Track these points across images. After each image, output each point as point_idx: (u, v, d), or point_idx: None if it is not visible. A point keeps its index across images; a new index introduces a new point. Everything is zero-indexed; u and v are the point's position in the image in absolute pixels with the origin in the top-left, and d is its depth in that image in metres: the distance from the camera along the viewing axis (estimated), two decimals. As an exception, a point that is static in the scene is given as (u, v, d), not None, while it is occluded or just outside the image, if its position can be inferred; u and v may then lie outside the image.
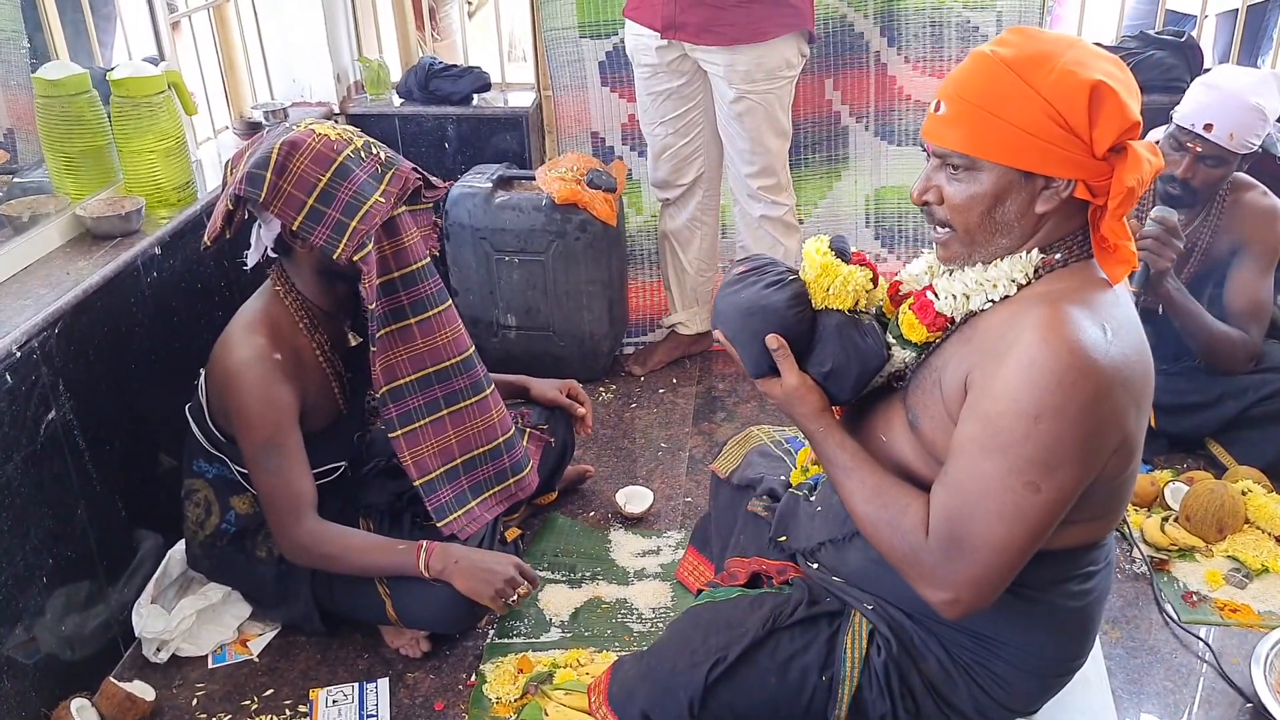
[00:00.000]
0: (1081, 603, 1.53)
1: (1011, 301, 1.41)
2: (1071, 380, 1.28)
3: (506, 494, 2.21)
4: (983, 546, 1.35)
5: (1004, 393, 1.32)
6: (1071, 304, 1.34)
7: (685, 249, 3.12)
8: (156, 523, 2.25)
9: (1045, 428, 1.29)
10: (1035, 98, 1.32)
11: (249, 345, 1.95)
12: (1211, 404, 2.65)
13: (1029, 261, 1.41)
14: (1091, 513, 1.44)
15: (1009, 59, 1.35)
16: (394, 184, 1.93)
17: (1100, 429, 1.32)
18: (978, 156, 1.37)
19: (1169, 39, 3.14)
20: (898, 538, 1.44)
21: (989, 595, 1.39)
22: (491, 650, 2.15)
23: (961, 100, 1.37)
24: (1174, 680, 2.06)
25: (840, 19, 3.11)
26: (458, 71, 3.32)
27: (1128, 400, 1.33)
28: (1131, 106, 1.33)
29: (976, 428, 1.35)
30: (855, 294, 1.54)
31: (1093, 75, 1.31)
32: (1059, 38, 1.38)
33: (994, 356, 1.35)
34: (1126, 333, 1.35)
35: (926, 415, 1.47)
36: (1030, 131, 1.33)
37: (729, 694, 1.60)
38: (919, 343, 1.50)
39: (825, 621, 1.64)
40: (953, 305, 1.45)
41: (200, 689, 2.08)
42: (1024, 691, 1.57)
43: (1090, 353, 1.29)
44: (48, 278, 2.08)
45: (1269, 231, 2.59)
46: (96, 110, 2.28)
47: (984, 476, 1.34)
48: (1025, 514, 1.33)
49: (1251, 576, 2.29)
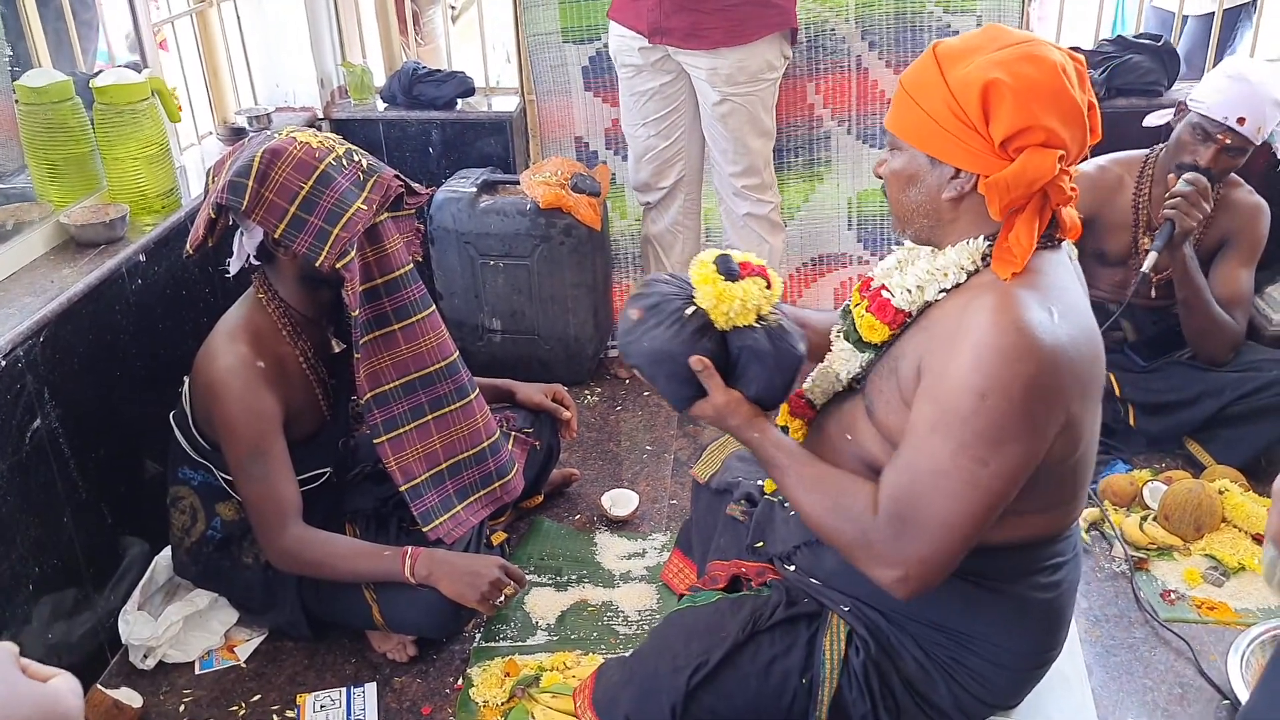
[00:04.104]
0: (1051, 594, 1.56)
1: (963, 289, 1.44)
2: (1017, 358, 1.31)
3: (492, 498, 2.22)
4: (931, 522, 1.38)
5: (954, 373, 1.35)
6: (1020, 288, 1.37)
7: (668, 253, 3.14)
8: (142, 530, 2.26)
9: (991, 404, 1.32)
10: (942, 88, 1.37)
11: (232, 353, 1.95)
12: (1190, 403, 2.68)
13: (976, 249, 1.43)
14: (1047, 501, 1.48)
15: (942, 50, 1.40)
16: (376, 191, 1.94)
17: (1045, 407, 1.35)
18: (897, 136, 1.45)
19: (1147, 43, 3.17)
20: (845, 522, 1.46)
21: (938, 573, 1.41)
22: (478, 654, 2.16)
23: (901, 84, 1.44)
24: (1152, 678, 2.09)
25: (822, 23, 3.13)
26: (441, 76, 3.33)
27: (1072, 381, 1.36)
28: (1037, 112, 1.33)
29: (927, 408, 1.39)
30: (756, 307, 1.54)
31: (994, 74, 1.33)
32: (1010, 36, 1.39)
33: (946, 342, 1.39)
34: (1074, 316, 1.38)
35: (881, 400, 1.50)
36: (936, 120, 1.38)
37: (711, 698, 1.61)
38: (879, 343, 1.53)
39: (804, 623, 1.66)
40: (908, 299, 1.48)
41: (188, 695, 2.09)
42: (1001, 686, 1.59)
43: (1036, 332, 1.32)
44: (32, 285, 2.08)
45: (1255, 227, 2.65)
46: (80, 117, 2.28)
47: (933, 454, 1.37)
48: (973, 490, 1.36)
49: (1229, 575, 2.32)
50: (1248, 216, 2.65)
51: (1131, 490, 2.55)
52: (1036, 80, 1.34)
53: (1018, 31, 1.42)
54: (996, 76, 1.33)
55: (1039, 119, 1.33)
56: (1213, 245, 2.67)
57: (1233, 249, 2.66)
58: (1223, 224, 2.66)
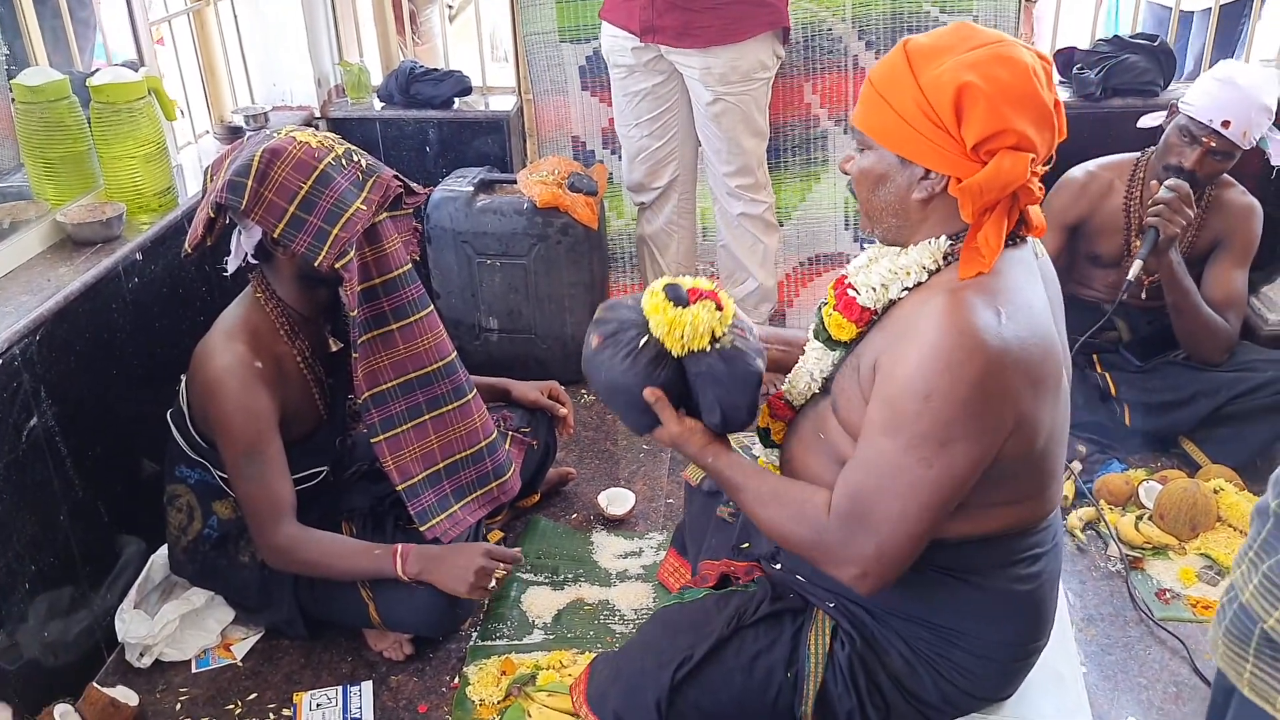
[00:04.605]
0: (1031, 586, 1.56)
1: (923, 288, 1.45)
2: (960, 360, 1.32)
3: (489, 498, 2.22)
4: (883, 520, 1.40)
5: (901, 374, 1.37)
6: (969, 290, 1.37)
7: (663, 252, 3.14)
8: (139, 528, 2.26)
9: (936, 405, 1.34)
10: (914, 89, 1.36)
11: (229, 353, 1.95)
12: (1185, 402, 2.69)
13: (938, 248, 1.44)
14: (1014, 494, 1.48)
15: (913, 49, 1.39)
16: (375, 191, 1.94)
17: (991, 408, 1.35)
18: (867, 135, 1.44)
19: (1143, 43, 3.17)
20: (803, 527, 1.48)
21: (895, 568, 1.43)
22: (475, 652, 2.17)
23: (870, 82, 1.43)
24: (1147, 677, 2.09)
25: (818, 23, 3.14)
26: (439, 75, 3.33)
27: (1021, 380, 1.37)
28: (1010, 115, 1.33)
29: (877, 409, 1.41)
30: (708, 330, 1.56)
31: (967, 76, 1.33)
32: (980, 36, 1.39)
33: (899, 341, 1.40)
34: (1023, 316, 1.38)
35: (844, 398, 1.52)
36: (907, 120, 1.37)
37: (696, 693, 1.62)
38: (848, 340, 1.54)
39: (789, 618, 1.67)
40: (873, 297, 1.49)
41: (184, 693, 2.09)
42: (987, 678, 1.60)
43: (980, 334, 1.33)
44: (28, 284, 2.08)
45: (1248, 228, 2.66)
46: (76, 116, 2.28)
47: (882, 454, 1.39)
48: (920, 489, 1.38)
49: (1223, 574, 2.33)
50: (1240, 217, 2.66)
51: (1127, 490, 2.56)
52: (1009, 84, 1.34)
53: (988, 30, 1.41)
54: (970, 79, 1.33)
55: (1012, 123, 1.34)
56: (1206, 247, 2.68)
57: (1226, 250, 2.67)
58: (1215, 225, 2.67)
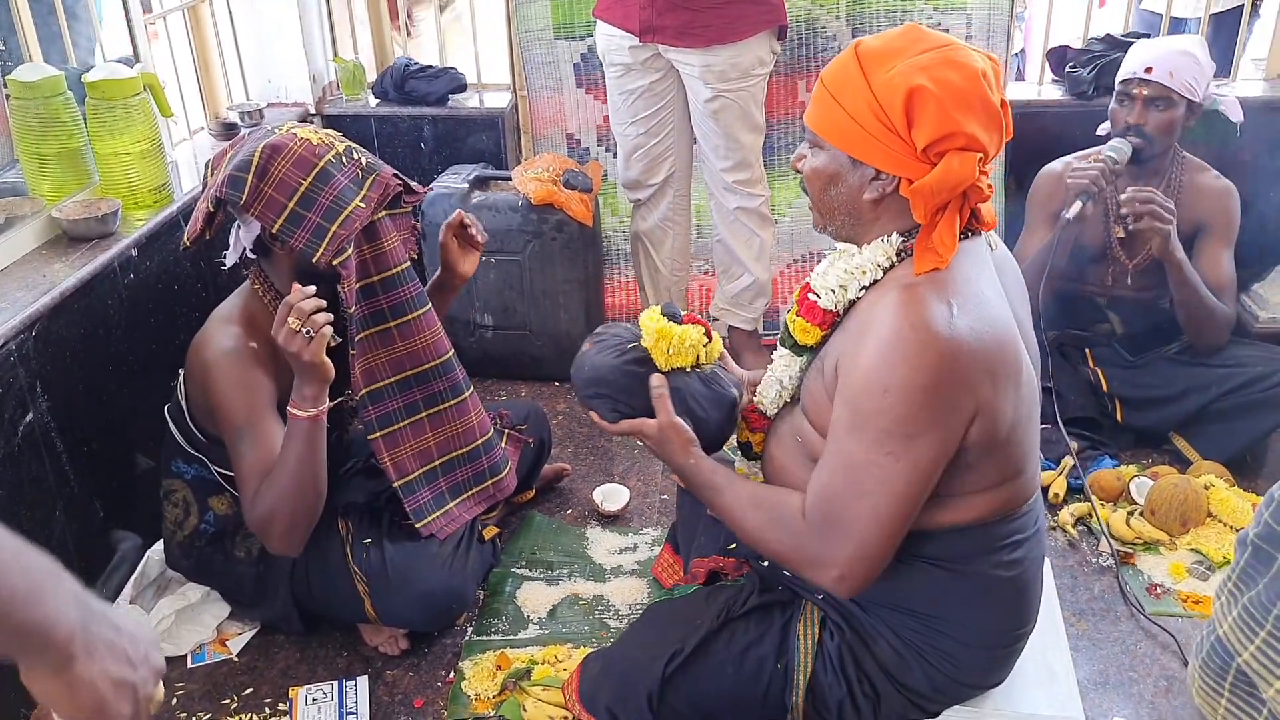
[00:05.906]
0: (1014, 572, 1.57)
1: (879, 286, 1.48)
2: (915, 354, 1.35)
3: (485, 495, 2.22)
4: (856, 521, 1.41)
5: (859, 372, 1.39)
6: (922, 285, 1.39)
7: (658, 249, 3.15)
8: (135, 523, 2.26)
9: (895, 400, 1.36)
10: (866, 91, 1.39)
11: (226, 335, 1.95)
12: (1176, 398, 2.70)
13: (890, 246, 1.47)
14: (986, 481, 1.49)
15: (864, 51, 1.41)
16: (374, 189, 1.94)
17: (949, 399, 1.37)
18: (818, 135, 1.46)
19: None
20: (781, 533, 1.49)
21: (873, 567, 1.44)
22: (470, 647, 2.18)
23: (823, 82, 1.46)
24: (1138, 670, 2.11)
25: (813, 20, 3.15)
26: (433, 72, 3.33)
27: (977, 370, 1.38)
28: (959, 118, 1.35)
29: (840, 409, 1.43)
30: (693, 350, 1.65)
31: (918, 80, 1.35)
32: (930, 39, 1.41)
33: (857, 339, 1.42)
34: (975, 307, 1.40)
35: (812, 400, 1.54)
36: (858, 122, 1.40)
37: (687, 686, 1.63)
38: (813, 345, 1.56)
39: (778, 610, 1.69)
40: (833, 299, 1.52)
41: (180, 688, 2.09)
42: (974, 665, 1.61)
43: (932, 327, 1.35)
44: (24, 280, 2.08)
45: (1226, 208, 2.67)
46: (71, 112, 2.28)
47: (848, 454, 1.41)
48: (890, 485, 1.39)
49: (1214, 569, 2.35)
50: (1217, 199, 2.67)
51: (1118, 485, 2.57)
52: (959, 87, 1.36)
53: (937, 34, 1.44)
54: (920, 83, 1.35)
55: (961, 125, 1.36)
56: (1188, 232, 2.67)
57: (1210, 234, 2.68)
58: (1195, 210, 2.67)
